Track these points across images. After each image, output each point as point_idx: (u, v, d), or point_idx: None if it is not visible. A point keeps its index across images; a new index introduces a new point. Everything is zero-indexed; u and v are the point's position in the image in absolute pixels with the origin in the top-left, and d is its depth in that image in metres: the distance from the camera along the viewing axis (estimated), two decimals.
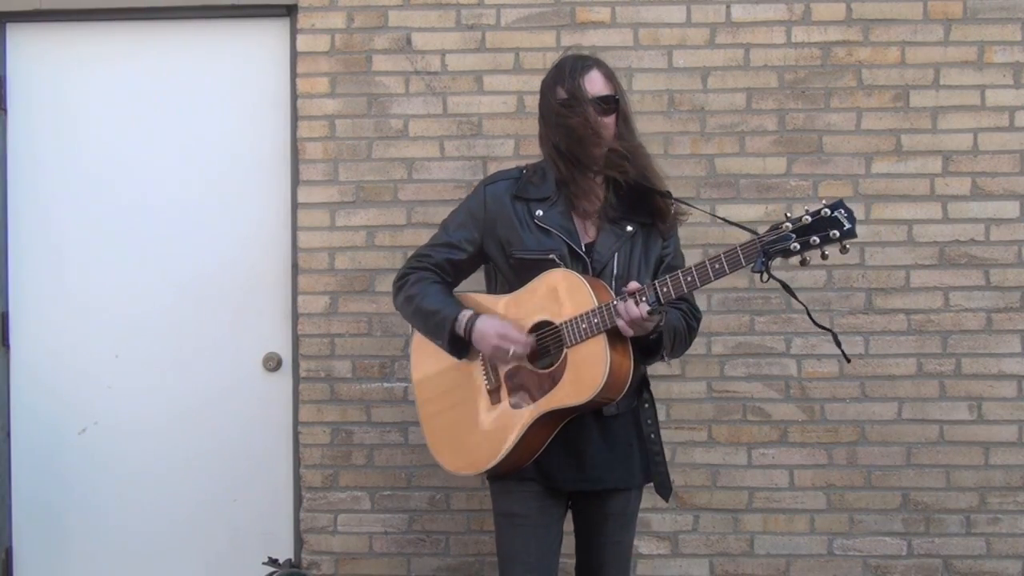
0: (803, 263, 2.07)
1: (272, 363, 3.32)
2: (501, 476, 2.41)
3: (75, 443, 3.37)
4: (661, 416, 3.12)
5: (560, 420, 2.31)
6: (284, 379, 3.34)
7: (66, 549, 3.39)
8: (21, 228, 3.38)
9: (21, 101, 3.37)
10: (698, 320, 2.48)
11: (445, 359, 2.44)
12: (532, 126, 3.15)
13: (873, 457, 3.17)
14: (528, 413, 2.30)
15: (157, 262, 3.35)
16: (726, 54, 3.18)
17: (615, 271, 2.35)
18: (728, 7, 3.18)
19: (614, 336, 2.22)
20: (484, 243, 2.43)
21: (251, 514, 3.35)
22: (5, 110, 3.36)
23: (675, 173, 3.12)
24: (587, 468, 2.36)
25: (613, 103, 2.33)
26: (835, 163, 3.17)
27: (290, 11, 3.27)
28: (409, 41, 3.22)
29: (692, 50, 3.18)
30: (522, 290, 2.35)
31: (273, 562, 3.13)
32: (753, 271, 2.07)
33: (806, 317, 3.10)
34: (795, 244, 2.03)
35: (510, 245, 2.37)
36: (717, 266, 2.12)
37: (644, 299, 2.17)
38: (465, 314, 2.36)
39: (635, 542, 3.13)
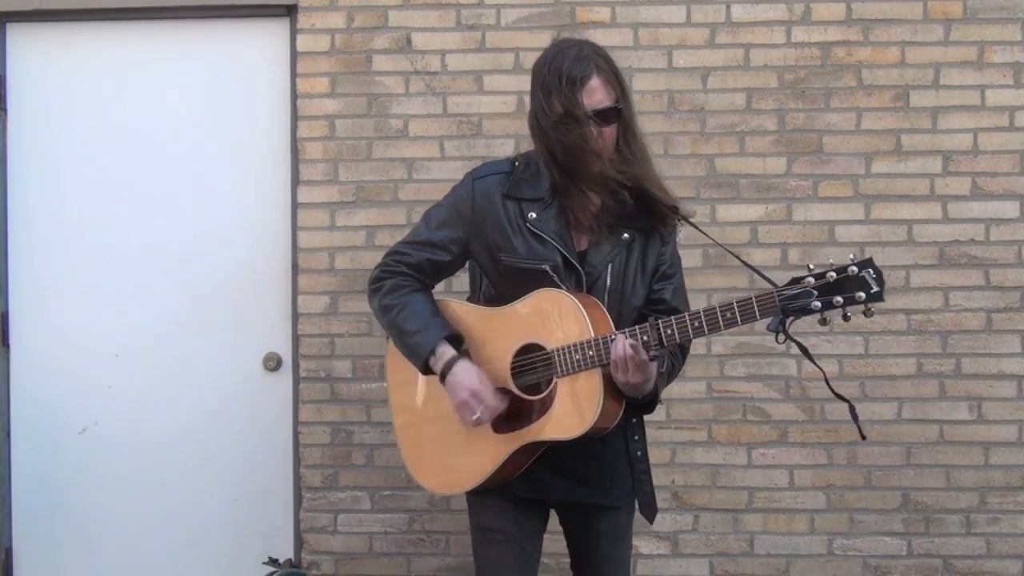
0: (823, 323, 1.91)
1: (272, 363, 3.32)
2: (480, 492, 2.28)
3: (75, 443, 3.37)
4: (661, 416, 3.14)
5: (542, 447, 2.17)
6: (284, 379, 3.34)
7: (66, 549, 3.39)
8: (21, 228, 3.38)
9: (21, 101, 3.37)
10: (687, 353, 2.34)
11: None
12: None
13: (873, 457, 3.17)
14: (512, 440, 2.15)
15: (156, 261, 3.35)
16: (726, 54, 3.18)
17: (608, 283, 2.17)
18: (728, 7, 3.18)
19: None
20: (470, 243, 2.22)
21: (251, 514, 3.35)
22: (5, 110, 3.36)
23: (675, 173, 3.12)
24: (575, 483, 2.24)
25: (614, 114, 2.09)
26: (835, 163, 3.17)
27: (290, 11, 3.27)
28: (409, 41, 3.22)
29: (692, 50, 3.18)
30: (510, 306, 2.17)
31: (273, 562, 3.13)
32: (768, 329, 1.91)
33: (805, 317, 3.13)
34: (816, 303, 1.87)
35: (499, 250, 2.17)
36: (728, 315, 1.96)
37: (647, 348, 2.02)
38: (446, 352, 2.15)
39: (635, 542, 3.14)
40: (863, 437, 2.16)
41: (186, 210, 3.34)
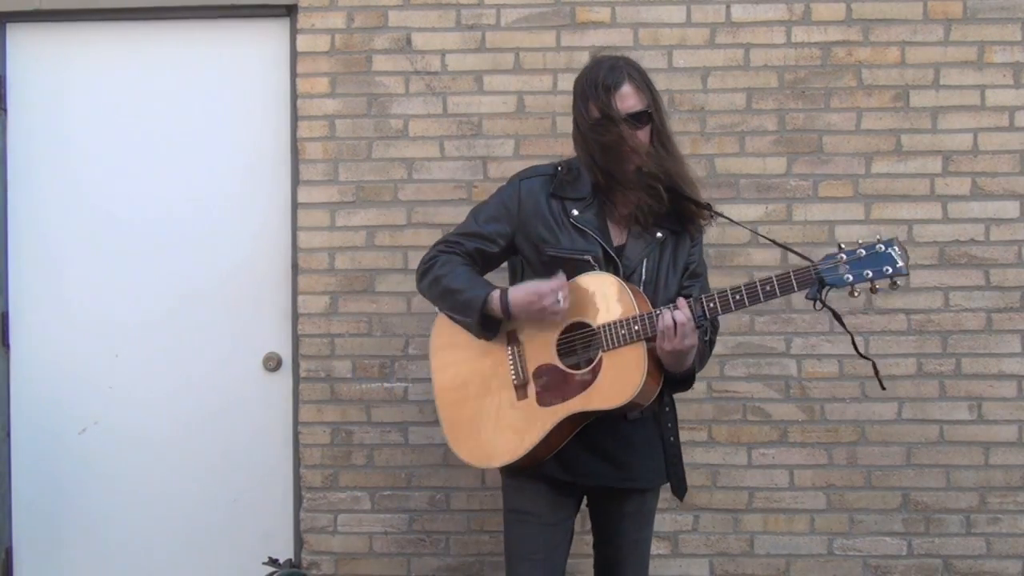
0: (852, 295, 2.12)
1: (272, 363, 3.32)
2: (516, 472, 2.40)
3: (75, 443, 3.37)
4: None
5: (584, 420, 2.31)
6: (284, 379, 3.34)
7: (66, 549, 3.39)
8: (21, 228, 3.38)
9: (21, 101, 3.37)
10: (717, 332, 2.49)
11: (469, 348, 2.41)
12: (532, 126, 3.18)
13: (873, 457, 3.17)
14: (557, 411, 2.29)
15: (157, 261, 3.35)
16: (726, 54, 3.18)
17: (643, 276, 2.35)
18: (728, 7, 3.18)
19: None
20: (516, 237, 2.41)
21: (251, 514, 3.35)
22: (5, 110, 3.36)
23: None
24: (607, 466, 2.37)
25: (646, 117, 2.31)
26: (835, 163, 3.17)
27: (290, 11, 3.27)
28: (409, 41, 3.22)
29: (692, 50, 3.18)
30: None
31: (273, 562, 3.13)
32: (807, 298, 2.13)
33: (805, 317, 3.14)
34: (848, 275, 2.10)
35: (544, 243, 2.35)
36: (768, 288, 2.16)
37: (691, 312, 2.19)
38: (495, 293, 2.32)
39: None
40: (883, 388, 2.44)
41: (185, 210, 3.34)
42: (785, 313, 3.16)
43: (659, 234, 2.36)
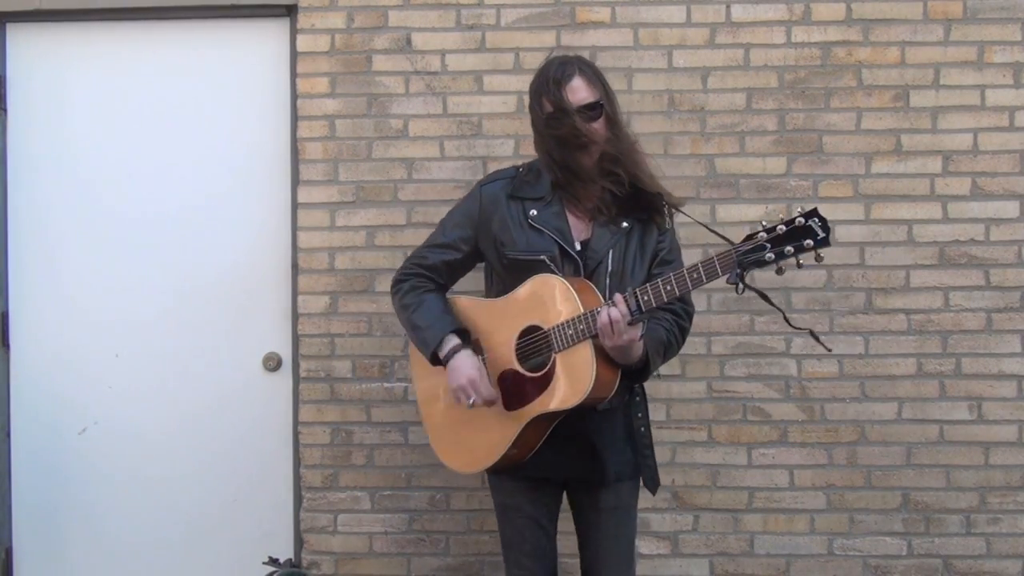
0: (779, 272, 2.10)
1: (272, 363, 3.32)
2: (500, 471, 2.48)
3: (75, 443, 3.38)
4: (661, 416, 3.14)
5: (554, 419, 2.36)
6: (284, 379, 3.34)
7: (66, 549, 3.39)
8: (21, 228, 3.38)
9: (21, 101, 3.37)
10: (690, 316, 2.51)
11: None
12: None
13: (873, 457, 3.17)
14: (522, 415, 2.36)
15: (157, 261, 3.35)
16: (726, 54, 3.18)
17: (610, 267, 2.38)
18: (728, 7, 3.18)
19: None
20: (479, 242, 2.47)
21: (251, 514, 3.35)
22: (5, 110, 3.36)
23: (675, 173, 3.12)
24: (575, 461, 2.42)
25: (598, 108, 2.35)
26: (835, 163, 3.17)
27: (290, 11, 3.27)
28: (409, 41, 3.22)
29: (692, 50, 3.18)
30: (511, 295, 2.40)
31: (273, 562, 3.13)
32: (728, 282, 2.11)
33: (806, 317, 3.14)
34: (769, 255, 2.07)
35: (503, 245, 2.41)
36: (695, 275, 2.17)
37: (627, 307, 2.22)
38: (450, 341, 2.41)
39: (636, 542, 3.14)
40: (829, 350, 2.48)
41: (185, 210, 3.34)
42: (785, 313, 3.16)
43: (624, 224, 2.40)
